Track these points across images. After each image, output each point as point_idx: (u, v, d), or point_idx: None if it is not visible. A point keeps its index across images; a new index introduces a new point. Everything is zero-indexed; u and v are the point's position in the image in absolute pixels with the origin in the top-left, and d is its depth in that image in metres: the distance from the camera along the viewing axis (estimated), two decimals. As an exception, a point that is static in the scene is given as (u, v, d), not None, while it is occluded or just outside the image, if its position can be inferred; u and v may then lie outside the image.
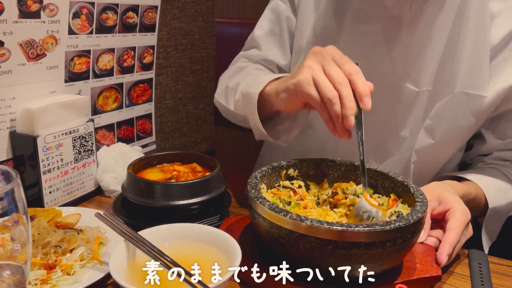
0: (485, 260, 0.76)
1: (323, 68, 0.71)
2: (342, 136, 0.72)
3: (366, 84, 0.69)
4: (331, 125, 0.72)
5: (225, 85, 1.00)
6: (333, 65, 0.70)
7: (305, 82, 0.71)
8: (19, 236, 0.45)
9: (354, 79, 0.69)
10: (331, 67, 0.70)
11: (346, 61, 0.71)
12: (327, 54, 0.72)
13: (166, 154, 0.94)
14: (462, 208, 0.75)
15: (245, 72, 1.00)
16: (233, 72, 1.05)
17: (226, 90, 0.99)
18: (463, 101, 0.89)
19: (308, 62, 0.72)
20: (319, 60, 0.71)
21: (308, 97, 0.71)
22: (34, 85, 0.94)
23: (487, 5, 0.86)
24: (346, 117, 0.67)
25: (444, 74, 0.90)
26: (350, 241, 0.58)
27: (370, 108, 0.68)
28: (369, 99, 0.69)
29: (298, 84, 0.72)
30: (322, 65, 0.71)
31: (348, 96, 0.68)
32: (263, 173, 0.76)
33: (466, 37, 0.86)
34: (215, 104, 1.07)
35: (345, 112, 0.67)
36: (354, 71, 0.69)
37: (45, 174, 0.88)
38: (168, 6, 1.36)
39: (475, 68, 0.87)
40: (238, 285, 0.69)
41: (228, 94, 0.98)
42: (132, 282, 0.54)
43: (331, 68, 0.70)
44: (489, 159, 0.99)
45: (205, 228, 0.68)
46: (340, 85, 0.68)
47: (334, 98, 0.68)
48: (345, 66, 0.70)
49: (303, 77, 0.71)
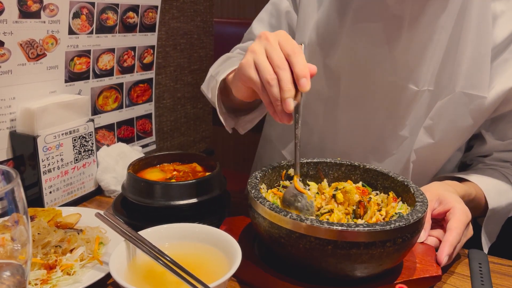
0: (485, 260, 0.76)
1: (266, 52, 0.69)
2: (282, 121, 0.69)
3: (305, 65, 0.67)
4: (271, 108, 0.70)
5: (210, 74, 1.00)
6: (276, 48, 0.68)
7: (246, 65, 0.69)
8: (19, 236, 0.45)
9: (292, 60, 0.67)
10: (273, 50, 0.68)
11: (288, 43, 0.68)
12: (272, 37, 0.70)
13: (166, 154, 0.94)
14: (463, 208, 0.75)
15: (229, 62, 0.98)
16: (220, 61, 1.04)
17: (209, 78, 0.99)
18: (463, 102, 0.89)
19: (252, 46, 0.71)
20: (263, 44, 0.69)
21: (248, 81, 0.70)
22: (34, 85, 0.94)
23: (489, 6, 0.86)
24: (284, 100, 0.66)
25: (444, 74, 0.90)
26: (350, 241, 0.58)
27: (308, 90, 0.66)
28: (307, 80, 0.66)
29: (240, 67, 0.71)
30: (266, 49, 0.69)
31: (286, 79, 0.66)
32: (263, 173, 0.76)
33: (467, 37, 0.86)
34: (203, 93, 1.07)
35: (283, 95, 0.66)
36: (293, 51, 0.67)
37: (45, 174, 0.88)
38: (166, 6, 1.36)
39: (476, 69, 0.87)
40: (238, 285, 0.69)
41: (210, 82, 0.97)
42: (132, 282, 0.54)
43: (272, 51, 0.68)
44: (489, 160, 0.99)
45: (205, 228, 0.68)
46: (279, 67, 0.66)
47: (272, 81, 0.66)
48: (284, 48, 0.68)
49: (245, 60, 0.70)
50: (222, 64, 0.99)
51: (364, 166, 0.80)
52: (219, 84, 0.85)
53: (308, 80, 0.66)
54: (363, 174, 0.80)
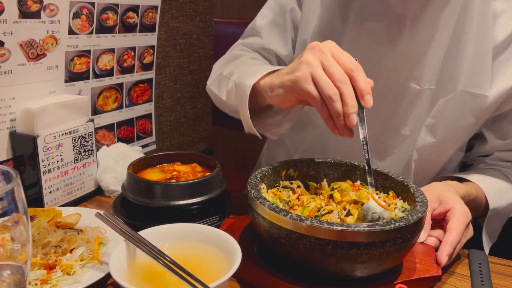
0: (485, 260, 0.76)
1: (322, 65, 0.68)
2: (343, 135, 0.70)
3: (367, 81, 0.67)
4: (331, 123, 0.70)
5: (219, 73, 0.97)
6: (333, 61, 0.68)
7: (304, 79, 0.68)
8: (19, 236, 0.45)
9: (355, 76, 0.67)
10: (330, 63, 0.67)
11: (346, 57, 0.68)
12: (326, 49, 0.69)
13: (166, 154, 0.94)
14: (463, 208, 0.75)
15: (241, 61, 0.97)
16: (228, 59, 1.02)
17: (220, 78, 0.96)
18: (465, 100, 0.89)
19: (306, 58, 0.69)
20: (318, 56, 0.69)
21: (306, 95, 0.69)
22: (34, 85, 0.94)
23: (490, 5, 0.86)
24: (348, 116, 0.66)
25: (446, 73, 0.90)
26: (350, 241, 0.58)
27: (371, 106, 0.67)
28: (371, 96, 0.67)
29: (296, 81, 0.70)
30: (321, 61, 0.68)
31: (349, 94, 0.66)
32: (263, 173, 0.76)
33: (469, 36, 0.86)
34: (207, 91, 1.04)
35: (347, 110, 0.66)
36: (355, 67, 0.67)
37: (45, 174, 0.88)
38: (166, 6, 1.36)
39: (478, 67, 0.87)
40: (238, 285, 0.69)
41: (221, 83, 0.95)
42: (132, 282, 0.54)
43: (330, 65, 0.67)
44: (490, 159, 0.99)
45: (205, 228, 0.68)
46: (341, 82, 0.66)
47: (335, 96, 0.66)
48: (345, 62, 0.68)
49: (301, 73, 0.69)
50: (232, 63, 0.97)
51: (364, 166, 0.80)
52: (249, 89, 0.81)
53: (371, 96, 0.67)
54: (363, 174, 0.80)
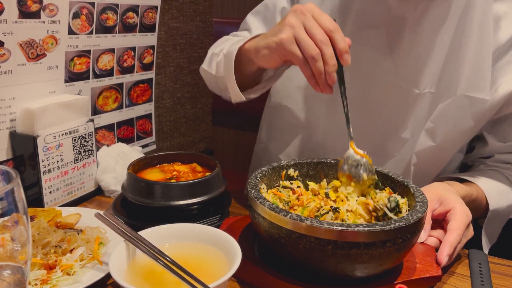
0: (485, 260, 0.76)
1: (304, 26, 0.72)
2: (324, 91, 0.74)
3: (345, 41, 0.72)
4: (313, 81, 0.75)
5: (211, 53, 1.03)
6: (314, 23, 0.72)
7: (288, 40, 0.73)
8: (19, 236, 0.45)
9: (334, 37, 0.71)
10: (312, 25, 0.72)
11: (326, 19, 0.73)
12: (307, 11, 0.73)
13: (166, 154, 0.94)
14: (463, 209, 0.75)
15: (231, 40, 1.02)
16: (220, 42, 1.07)
17: (211, 56, 1.02)
18: (465, 104, 0.88)
19: (289, 21, 0.74)
20: (300, 19, 0.73)
21: (290, 55, 0.74)
22: (34, 85, 0.94)
23: (491, 8, 0.85)
24: (329, 74, 0.71)
25: (446, 77, 0.90)
26: (350, 241, 0.58)
27: (349, 64, 0.72)
28: (349, 55, 0.72)
29: (280, 42, 0.74)
30: (303, 23, 0.73)
31: (330, 54, 0.71)
32: (263, 173, 0.76)
33: (469, 40, 0.86)
34: (201, 73, 1.09)
35: (328, 69, 0.71)
36: (334, 28, 0.72)
37: (45, 174, 0.88)
38: (166, 6, 1.36)
39: (478, 71, 0.87)
40: (238, 285, 0.69)
41: (212, 60, 1.01)
42: (132, 282, 0.54)
43: (312, 26, 0.72)
44: (490, 161, 0.99)
45: (205, 228, 0.68)
46: (322, 43, 0.71)
47: (317, 56, 0.71)
48: (325, 24, 0.72)
49: (285, 35, 0.73)
50: (224, 43, 1.01)
51: (364, 166, 0.80)
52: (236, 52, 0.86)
53: (349, 55, 0.72)
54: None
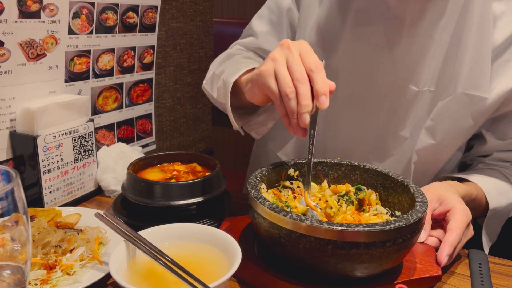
0: (485, 260, 0.76)
1: (287, 62, 0.69)
2: (296, 134, 0.70)
3: (325, 83, 0.67)
4: (287, 120, 0.70)
5: (212, 72, 1.00)
6: (297, 60, 0.68)
7: (266, 73, 0.70)
8: (19, 236, 0.45)
9: (313, 76, 0.67)
10: (294, 61, 0.68)
11: (311, 57, 0.69)
12: (294, 47, 0.70)
13: (166, 154, 0.94)
14: (463, 208, 0.75)
15: (233, 60, 0.99)
16: (222, 59, 1.04)
17: (213, 76, 0.99)
18: (464, 102, 0.89)
19: (273, 54, 0.70)
20: (285, 53, 0.70)
21: (267, 89, 0.70)
22: (34, 85, 0.94)
23: (490, 6, 0.85)
24: (300, 115, 0.67)
25: (445, 75, 0.90)
26: (350, 241, 0.58)
27: (326, 107, 0.67)
28: (326, 98, 0.67)
29: (259, 74, 0.71)
30: (287, 59, 0.69)
31: (305, 94, 0.66)
32: (263, 173, 0.76)
33: (468, 38, 0.86)
34: (203, 90, 1.06)
35: (299, 109, 0.66)
36: (315, 67, 0.67)
37: (45, 174, 0.88)
38: (166, 6, 1.36)
39: (477, 69, 0.87)
40: (238, 285, 0.69)
41: (213, 81, 0.97)
42: (132, 282, 0.54)
43: (293, 63, 0.68)
44: (489, 160, 0.99)
45: (205, 228, 0.68)
46: (298, 81, 0.67)
47: (291, 94, 0.67)
48: (306, 61, 0.68)
49: (265, 68, 0.70)
50: (225, 62, 0.99)
51: (364, 166, 0.80)
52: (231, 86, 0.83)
53: (327, 98, 0.67)
54: (363, 174, 0.80)
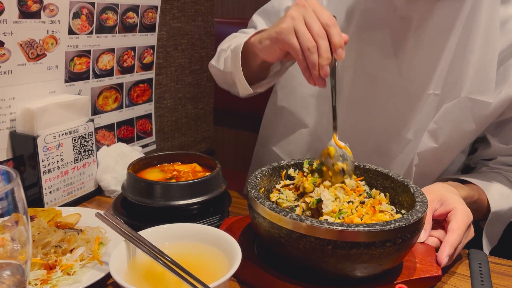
0: (485, 260, 0.76)
1: (304, 19, 0.75)
2: (317, 84, 0.76)
3: (341, 36, 0.74)
4: (308, 73, 0.76)
5: (219, 49, 1.05)
6: (314, 17, 0.74)
7: (287, 31, 0.75)
8: (19, 236, 0.45)
9: (330, 31, 0.73)
10: (311, 18, 0.74)
11: (325, 14, 0.75)
12: (309, 5, 0.76)
13: (166, 154, 0.94)
14: (464, 209, 0.75)
15: (238, 37, 1.04)
16: (229, 39, 1.09)
17: (219, 52, 1.04)
18: (468, 106, 0.88)
19: (291, 13, 0.76)
20: (301, 11, 0.75)
21: (288, 46, 0.76)
22: (34, 85, 0.94)
23: (497, 10, 0.85)
24: (322, 67, 0.73)
25: (451, 78, 0.89)
26: (350, 241, 0.58)
27: (343, 58, 0.73)
28: (343, 50, 0.73)
29: (280, 32, 0.77)
30: (304, 16, 0.75)
31: (325, 47, 0.73)
32: (263, 173, 0.76)
33: (475, 41, 0.86)
34: (210, 70, 1.11)
35: (321, 61, 0.73)
36: (331, 23, 0.74)
37: (45, 174, 0.88)
38: (167, 6, 1.36)
39: (483, 74, 0.86)
40: (238, 285, 0.69)
41: (220, 55, 1.03)
42: (132, 282, 0.54)
43: (311, 20, 0.74)
44: (493, 163, 0.98)
45: (205, 228, 0.68)
46: (319, 36, 0.73)
47: (313, 48, 0.73)
48: (323, 18, 0.74)
49: (285, 25, 0.76)
50: (233, 39, 1.03)
51: (364, 166, 0.80)
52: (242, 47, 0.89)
53: (344, 50, 0.74)
54: (363, 174, 0.80)
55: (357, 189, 0.74)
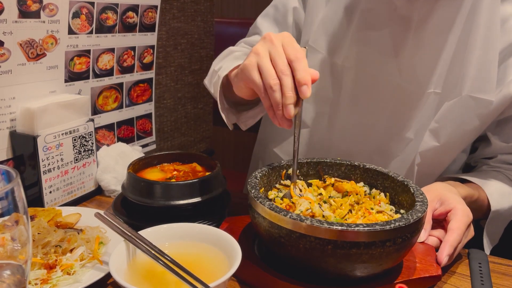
0: (485, 259, 0.76)
1: (270, 55, 0.69)
2: (281, 125, 0.70)
3: (306, 72, 0.67)
4: (272, 112, 0.70)
5: (213, 69, 1.00)
6: (280, 52, 0.68)
7: (250, 67, 0.70)
8: (19, 236, 0.45)
9: (294, 66, 0.67)
10: (277, 54, 0.68)
11: (291, 47, 0.69)
12: (277, 40, 0.70)
13: (166, 154, 0.94)
14: (464, 209, 0.75)
15: (232, 56, 0.99)
16: (223, 55, 1.04)
17: (212, 73, 1.00)
18: (469, 105, 0.88)
19: (256, 48, 0.71)
20: (267, 47, 0.70)
21: (251, 82, 0.70)
22: (34, 85, 0.94)
23: (498, 9, 0.85)
24: (285, 106, 0.67)
25: (452, 77, 0.89)
26: (350, 241, 0.58)
27: (308, 97, 0.66)
28: (308, 87, 0.66)
29: (243, 68, 0.72)
30: (270, 52, 0.69)
31: (288, 85, 0.66)
32: (263, 173, 0.76)
33: (475, 40, 0.86)
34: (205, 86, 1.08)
35: (284, 101, 0.66)
36: (295, 57, 0.67)
37: (45, 174, 0.88)
38: (167, 6, 1.36)
39: (483, 72, 0.86)
40: (238, 285, 0.69)
41: (212, 77, 0.98)
42: (132, 282, 0.54)
43: (276, 55, 0.68)
44: (493, 162, 0.98)
45: (205, 228, 0.68)
46: (282, 73, 0.67)
47: (275, 86, 0.67)
48: (287, 52, 0.68)
49: (248, 62, 0.70)
50: (225, 58, 0.99)
51: (364, 166, 0.80)
52: (221, 80, 0.85)
53: (309, 87, 0.66)
54: (363, 174, 0.80)
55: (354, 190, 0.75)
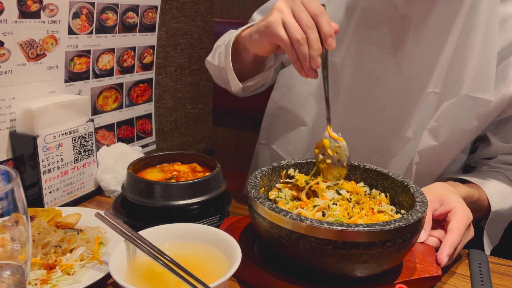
0: (485, 260, 0.76)
1: (292, 11, 0.74)
2: (308, 76, 0.76)
3: (330, 25, 0.73)
4: (298, 65, 0.76)
5: (216, 45, 1.06)
6: (302, 8, 0.74)
7: (275, 23, 0.75)
8: (19, 236, 0.45)
9: (319, 21, 0.73)
10: (300, 10, 0.74)
11: (313, 4, 0.74)
12: None
13: (166, 154, 0.94)
14: (464, 209, 0.75)
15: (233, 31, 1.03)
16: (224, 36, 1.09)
17: (215, 48, 1.05)
18: (468, 104, 0.88)
19: (278, 5, 0.76)
20: (289, 4, 0.75)
21: (277, 38, 0.75)
22: (34, 85, 0.94)
23: (497, 8, 0.85)
24: (313, 58, 0.72)
25: (451, 77, 0.89)
26: (350, 241, 0.58)
27: (334, 48, 0.73)
28: (333, 39, 0.73)
29: (268, 25, 0.76)
30: (292, 8, 0.75)
31: (314, 38, 0.72)
32: (263, 173, 0.76)
33: (474, 39, 0.86)
34: (206, 66, 1.11)
35: (312, 53, 0.72)
36: (320, 12, 0.73)
37: (45, 174, 0.88)
38: (167, 6, 1.36)
39: (482, 72, 0.86)
40: (238, 285, 0.69)
41: (215, 51, 1.03)
42: (132, 282, 0.54)
43: (299, 11, 0.74)
44: (493, 162, 0.98)
45: (205, 228, 0.68)
46: (307, 27, 0.72)
47: (302, 39, 0.72)
48: (311, 8, 0.73)
49: (273, 18, 0.75)
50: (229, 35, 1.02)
51: (364, 166, 0.80)
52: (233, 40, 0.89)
53: (334, 39, 0.73)
54: (363, 174, 0.80)
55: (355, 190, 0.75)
